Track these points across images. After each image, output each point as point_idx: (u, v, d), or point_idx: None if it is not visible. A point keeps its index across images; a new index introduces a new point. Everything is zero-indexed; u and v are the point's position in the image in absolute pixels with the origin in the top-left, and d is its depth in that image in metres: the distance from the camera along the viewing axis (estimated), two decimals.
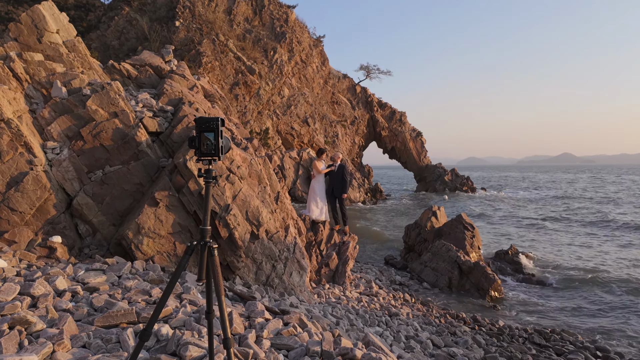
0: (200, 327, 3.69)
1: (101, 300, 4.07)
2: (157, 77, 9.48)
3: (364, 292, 9.62)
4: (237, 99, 31.23)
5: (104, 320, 3.58)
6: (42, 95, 7.01)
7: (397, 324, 7.66)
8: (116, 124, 6.87)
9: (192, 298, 4.60)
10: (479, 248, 13.68)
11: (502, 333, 8.43)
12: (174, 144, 7.23)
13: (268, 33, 35.73)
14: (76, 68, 7.79)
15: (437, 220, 15.03)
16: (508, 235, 20.61)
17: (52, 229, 6.20)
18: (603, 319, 9.89)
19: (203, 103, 8.80)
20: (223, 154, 2.76)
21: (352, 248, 10.15)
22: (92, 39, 29.80)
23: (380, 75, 49.39)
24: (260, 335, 3.88)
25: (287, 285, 6.95)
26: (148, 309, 3.87)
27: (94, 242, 6.54)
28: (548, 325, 9.31)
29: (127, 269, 5.44)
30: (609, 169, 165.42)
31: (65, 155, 6.59)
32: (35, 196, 6.04)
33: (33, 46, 7.45)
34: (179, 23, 30.87)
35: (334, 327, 5.23)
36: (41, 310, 3.64)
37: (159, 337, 3.44)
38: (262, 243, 6.84)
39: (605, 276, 12.95)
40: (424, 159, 48.73)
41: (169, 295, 2.62)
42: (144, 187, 6.86)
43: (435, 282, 11.91)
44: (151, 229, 6.21)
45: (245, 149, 7.58)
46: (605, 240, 19.14)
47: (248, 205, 6.72)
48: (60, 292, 4.24)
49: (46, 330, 3.23)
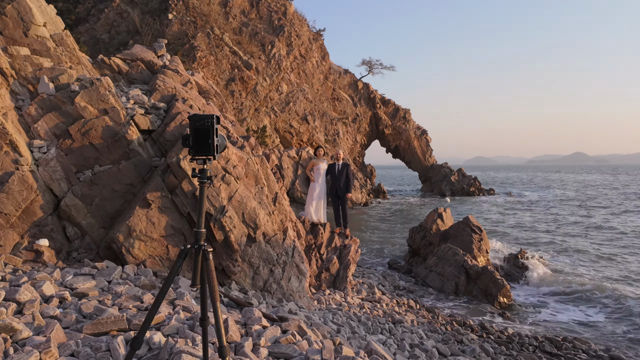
0: (194, 335, 3.69)
1: (90, 306, 4.07)
2: (149, 72, 9.49)
3: (366, 298, 9.62)
4: (233, 96, 31.26)
5: (93, 328, 3.58)
6: (29, 91, 7.01)
7: (401, 331, 7.66)
8: (106, 122, 6.87)
9: (186, 304, 4.60)
10: (487, 252, 13.68)
11: (512, 341, 8.43)
12: (167, 143, 7.24)
13: (265, 26, 35.76)
14: (64, 63, 7.80)
15: (443, 222, 15.03)
16: (518, 239, 20.61)
17: (39, 231, 6.21)
18: (618, 327, 9.89)
19: (197, 100, 8.81)
20: (218, 153, 2.77)
21: (354, 252, 10.15)
22: (81, 33, 29.82)
23: (383, 70, 49.45)
24: (257, 344, 3.88)
25: (286, 290, 6.95)
26: (139, 315, 3.87)
27: (83, 246, 6.54)
28: (559, 333, 9.31)
29: (118, 274, 5.45)
30: (626, 169, 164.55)
31: (52, 154, 6.59)
32: (21, 197, 6.05)
33: (19, 40, 7.46)
34: (172, 16, 30.89)
35: (335, 335, 5.23)
36: (27, 317, 3.64)
37: (151, 345, 3.44)
38: (260, 246, 6.85)
39: (621, 282, 12.94)
40: (429, 159, 48.76)
41: (162, 301, 2.62)
42: (135, 187, 6.86)
43: (441, 288, 11.91)
44: (143, 231, 6.22)
45: (241, 147, 7.59)
46: (623, 247, 19.10)
47: (244, 206, 6.73)
48: (48, 297, 4.24)
49: (32, 338, 3.23)
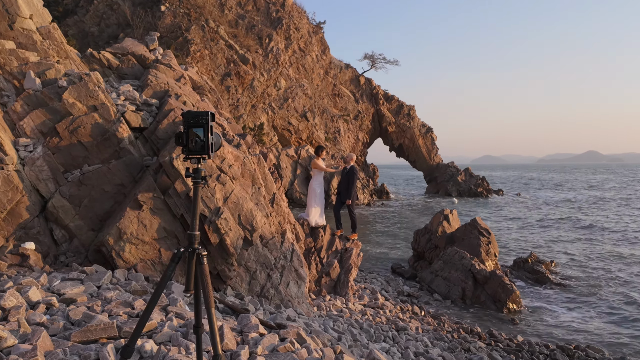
0: (188, 343, 3.69)
1: (79, 313, 4.07)
2: (140, 67, 9.49)
3: (369, 304, 9.63)
4: (229, 91, 31.28)
5: (81, 335, 3.57)
6: (14, 87, 7.01)
7: (405, 339, 7.67)
8: (95, 119, 6.87)
9: (179, 310, 4.59)
10: (496, 256, 13.69)
11: (521, 349, 8.44)
12: (159, 141, 7.24)
13: (263, 19, 35.78)
14: (51, 57, 7.80)
15: (449, 225, 15.04)
16: (527, 242, 20.62)
17: (25, 234, 6.20)
18: (632, 334, 9.89)
19: (191, 96, 8.81)
20: (213, 151, 2.76)
21: (356, 255, 10.16)
22: (69, 25, 29.85)
23: (387, 65, 49.65)
24: (254, 352, 3.88)
25: (284, 296, 6.95)
26: (130, 322, 3.87)
27: (71, 249, 6.54)
28: (572, 341, 9.32)
29: (108, 279, 5.44)
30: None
31: (39, 153, 6.59)
32: (5, 198, 6.04)
33: (4, 33, 7.45)
34: (164, 7, 30.91)
35: (336, 343, 5.23)
36: (12, 324, 3.64)
37: (143, 353, 3.44)
38: (256, 250, 6.85)
39: (634, 289, 12.93)
40: (434, 158, 48.79)
41: (154, 307, 2.62)
42: (126, 188, 6.86)
43: (447, 293, 11.91)
44: (134, 234, 6.21)
45: (237, 146, 7.58)
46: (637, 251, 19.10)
47: (241, 208, 6.73)
48: (34, 304, 4.23)
49: (18, 346, 3.22)
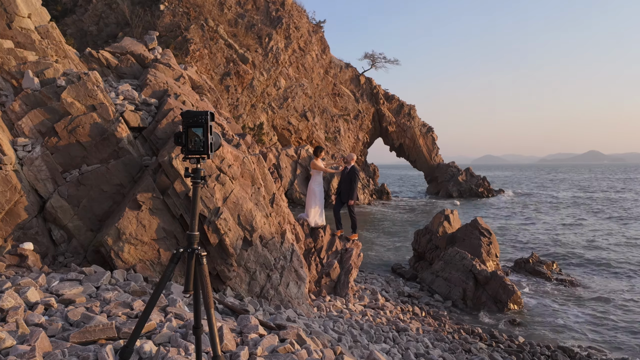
0: (187, 344, 3.69)
1: (77, 313, 4.07)
2: (139, 66, 9.50)
3: (369, 305, 9.63)
4: (229, 91, 31.27)
5: (80, 336, 3.58)
6: (12, 86, 7.02)
7: (406, 340, 7.67)
8: (94, 119, 6.88)
9: (178, 311, 4.60)
10: (497, 256, 13.68)
11: (523, 350, 8.44)
12: (158, 141, 7.25)
13: (262, 18, 35.77)
14: (50, 56, 7.80)
15: (450, 225, 15.03)
16: (529, 242, 20.61)
17: (23, 234, 6.21)
18: (635, 335, 9.88)
19: (190, 95, 8.81)
20: (213, 151, 2.77)
21: (356, 256, 10.16)
22: (68, 24, 29.84)
23: (387, 64, 49.57)
24: (253, 353, 3.89)
25: (284, 297, 6.96)
26: (129, 323, 3.87)
27: (70, 249, 6.54)
28: (574, 342, 9.32)
29: (106, 279, 5.45)
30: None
31: (37, 153, 6.60)
32: (4, 198, 6.05)
33: (2, 32, 7.46)
34: (163, 7, 30.90)
35: (336, 344, 5.23)
36: (11, 325, 3.64)
37: (142, 354, 3.44)
38: (256, 250, 6.85)
39: (636, 289, 12.93)
40: (435, 157, 48.78)
41: (153, 308, 2.63)
42: (124, 188, 6.87)
43: (448, 294, 11.91)
44: (133, 234, 6.22)
45: (237, 146, 7.59)
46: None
47: (240, 208, 6.73)
48: (32, 304, 4.24)
49: (16, 347, 3.23)
